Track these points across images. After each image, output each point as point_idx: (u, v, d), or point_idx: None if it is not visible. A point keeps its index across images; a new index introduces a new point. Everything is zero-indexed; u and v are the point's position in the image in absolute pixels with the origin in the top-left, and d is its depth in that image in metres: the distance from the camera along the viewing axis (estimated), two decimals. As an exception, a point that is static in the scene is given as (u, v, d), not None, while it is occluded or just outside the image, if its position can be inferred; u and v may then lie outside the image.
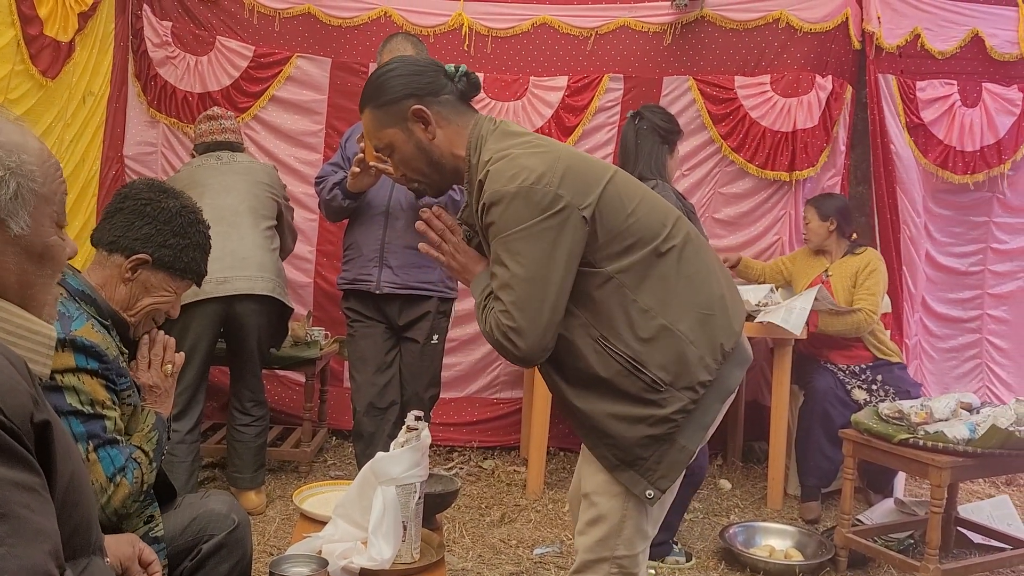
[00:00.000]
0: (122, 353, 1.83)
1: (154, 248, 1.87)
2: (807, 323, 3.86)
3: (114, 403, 1.76)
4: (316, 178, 3.44)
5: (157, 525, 1.83)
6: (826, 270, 4.15)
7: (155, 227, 1.87)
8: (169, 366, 1.96)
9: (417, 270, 3.24)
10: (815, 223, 4.16)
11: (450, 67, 1.87)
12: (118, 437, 1.76)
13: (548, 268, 1.69)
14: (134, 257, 1.86)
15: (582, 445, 1.93)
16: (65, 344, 1.67)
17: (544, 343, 1.72)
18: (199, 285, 2.03)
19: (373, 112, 1.84)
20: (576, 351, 1.77)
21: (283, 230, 3.81)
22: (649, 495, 1.77)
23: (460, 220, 1.94)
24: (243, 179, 3.64)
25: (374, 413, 3.25)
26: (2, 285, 1.00)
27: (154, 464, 1.83)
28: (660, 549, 3.30)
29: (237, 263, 3.47)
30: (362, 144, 3.08)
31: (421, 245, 1.94)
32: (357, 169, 3.09)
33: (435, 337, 3.33)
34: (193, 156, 3.78)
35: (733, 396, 1.85)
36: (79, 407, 1.69)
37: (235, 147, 3.77)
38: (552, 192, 1.68)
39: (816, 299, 3.88)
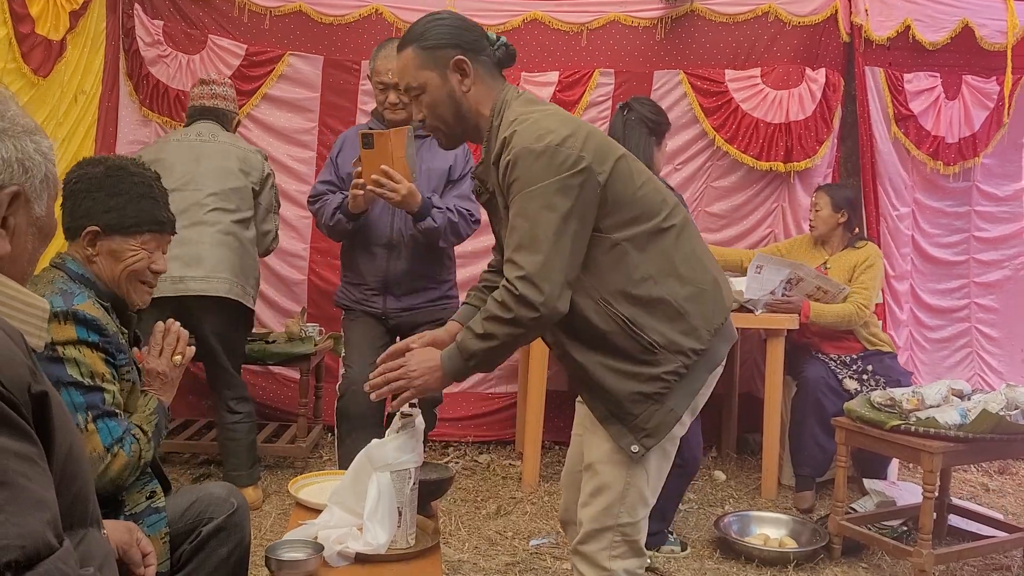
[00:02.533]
0: (121, 333, 1.86)
1: (97, 217, 1.86)
2: (800, 312, 3.91)
3: (113, 377, 1.80)
4: (310, 197, 3.40)
5: (159, 498, 1.87)
6: (825, 262, 4.16)
7: (91, 198, 1.86)
8: (179, 357, 1.99)
9: (422, 293, 3.26)
10: (826, 212, 4.12)
11: (491, 34, 1.99)
12: (116, 410, 1.80)
13: (567, 224, 1.78)
14: (84, 232, 1.86)
15: (574, 426, 1.99)
16: (67, 316, 1.71)
17: (562, 295, 1.79)
18: (171, 231, 1.99)
19: (416, 52, 1.91)
20: (578, 310, 1.86)
21: (258, 221, 3.67)
22: (634, 450, 1.87)
23: (473, 175, 2.03)
24: (213, 164, 3.51)
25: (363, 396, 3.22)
26: (16, 260, 1.03)
27: (152, 443, 1.86)
28: (655, 539, 3.32)
29: (192, 261, 3.38)
30: (358, 168, 3.06)
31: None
32: (359, 192, 3.04)
33: None
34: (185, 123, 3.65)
35: (720, 370, 1.95)
36: (79, 379, 1.72)
37: (224, 117, 3.68)
38: (576, 153, 1.79)
39: (801, 277, 3.93)
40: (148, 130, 4.62)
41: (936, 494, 3.16)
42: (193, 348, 2.03)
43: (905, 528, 3.51)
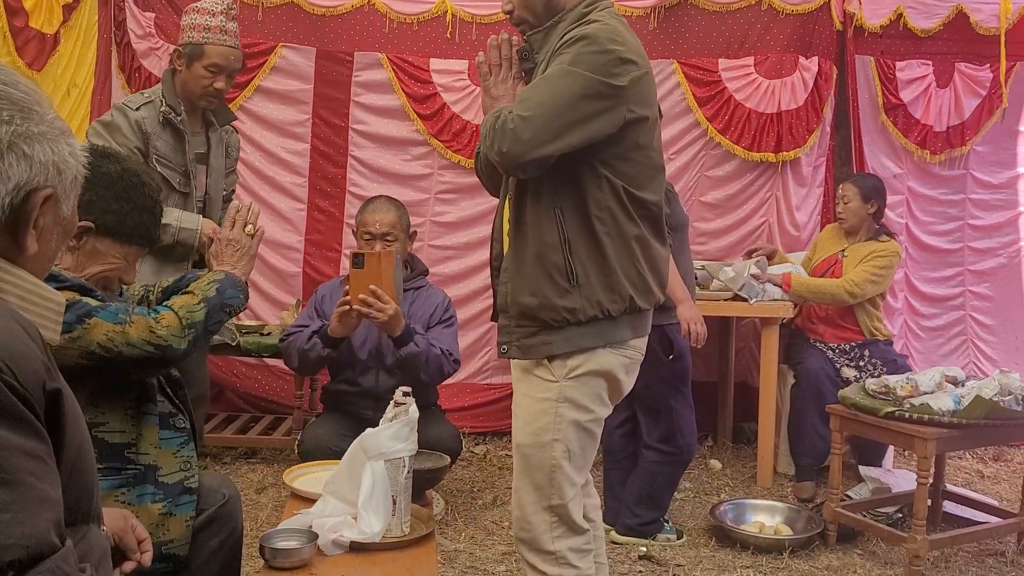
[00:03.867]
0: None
1: (97, 214, 1.82)
2: (781, 284, 3.96)
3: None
4: (283, 334, 3.40)
5: (193, 476, 1.88)
6: (843, 249, 4.15)
7: (96, 193, 1.80)
8: (251, 227, 2.07)
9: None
10: (856, 203, 4.08)
11: None
12: (107, 303, 1.78)
13: (576, 113, 1.83)
14: (77, 225, 1.85)
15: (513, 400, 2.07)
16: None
17: (527, 162, 1.86)
18: (151, 247, 1.99)
19: None
20: (536, 207, 1.94)
21: None
22: (503, 350, 2.00)
23: (526, 39, 2.05)
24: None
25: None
26: (39, 258, 1.05)
27: (201, 306, 1.84)
28: (651, 527, 3.33)
29: None
30: (346, 286, 3.08)
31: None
32: (345, 308, 3.05)
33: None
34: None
35: (629, 360, 2.02)
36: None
37: None
38: (627, 78, 1.86)
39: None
40: (141, 123, 4.61)
41: (930, 480, 3.17)
42: (264, 229, 2.14)
43: (900, 515, 3.52)
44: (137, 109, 2.81)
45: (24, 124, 0.99)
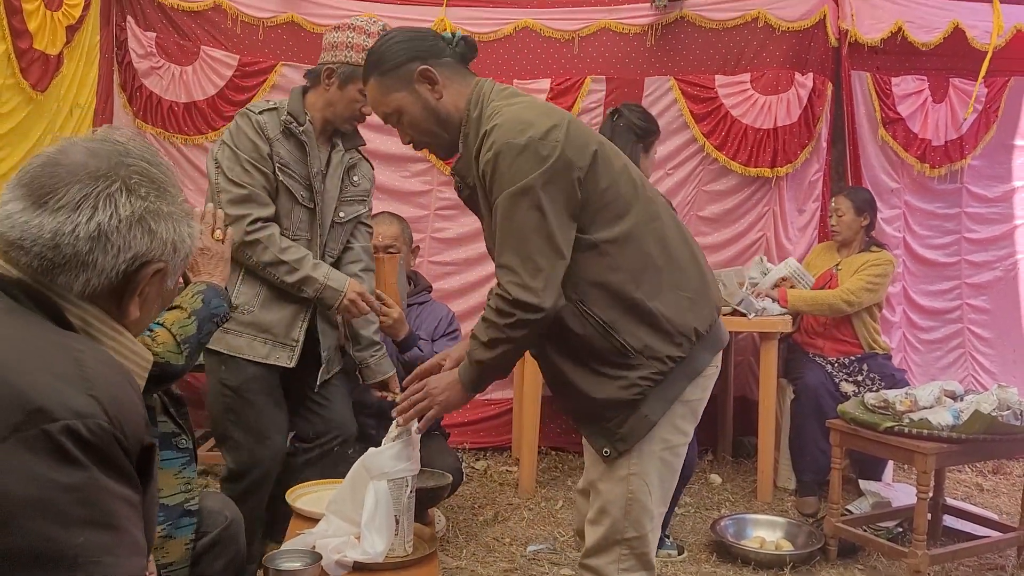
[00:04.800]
0: None
1: None
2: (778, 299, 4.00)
3: None
4: None
5: (194, 498, 1.87)
6: (837, 264, 4.18)
7: None
8: (219, 231, 2.05)
9: None
10: (850, 216, 4.13)
11: (447, 34, 1.94)
12: None
13: (555, 220, 1.75)
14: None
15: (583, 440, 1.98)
16: None
17: (559, 293, 1.78)
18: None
19: (379, 80, 1.89)
20: (560, 314, 1.82)
21: None
22: (606, 453, 1.86)
23: (452, 172, 1.98)
24: None
25: None
26: (138, 324, 1.13)
27: (191, 320, 1.86)
28: None
29: None
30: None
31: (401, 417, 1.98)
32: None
33: None
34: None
35: (706, 379, 1.91)
36: None
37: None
38: (560, 147, 1.75)
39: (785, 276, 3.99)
40: (142, 142, 4.63)
41: (930, 495, 3.18)
42: (231, 230, 2.11)
43: (900, 529, 3.53)
44: (260, 113, 2.68)
45: (157, 202, 1.07)
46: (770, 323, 3.99)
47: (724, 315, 3.95)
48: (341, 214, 2.83)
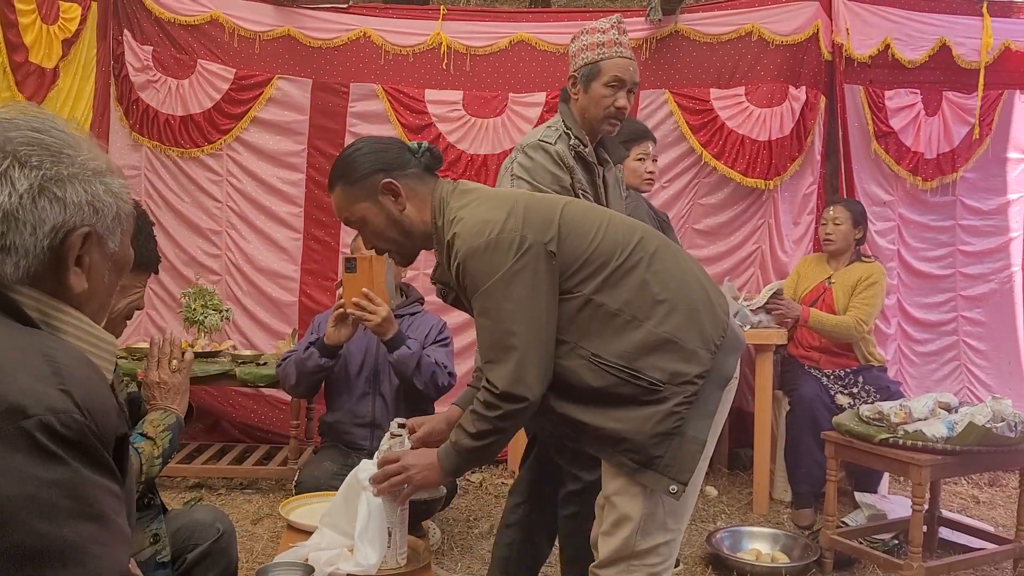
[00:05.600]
0: None
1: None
2: (799, 317, 4.04)
3: None
4: (279, 360, 3.43)
5: (164, 550, 1.85)
6: (829, 277, 4.19)
7: None
8: (175, 361, 2.00)
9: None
10: (847, 226, 4.15)
11: (413, 144, 1.97)
12: None
13: (532, 306, 1.77)
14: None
15: None
16: None
17: (543, 379, 1.79)
18: (156, 272, 2.04)
19: (344, 189, 1.91)
20: (571, 374, 1.83)
21: None
22: (673, 490, 1.81)
23: (433, 280, 2.01)
24: None
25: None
26: (93, 295, 1.09)
27: (160, 459, 1.87)
28: None
29: None
30: (339, 291, 3.09)
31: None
32: (339, 311, 3.07)
33: None
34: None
35: (733, 381, 1.90)
36: None
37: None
38: (518, 235, 1.78)
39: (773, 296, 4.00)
40: (139, 155, 4.65)
41: (926, 507, 3.18)
42: (192, 354, 2.06)
43: (896, 541, 3.52)
44: (554, 143, 2.57)
45: (54, 167, 1.02)
46: (765, 335, 3.99)
47: (729, 318, 3.97)
48: None
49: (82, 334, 1.05)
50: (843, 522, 3.61)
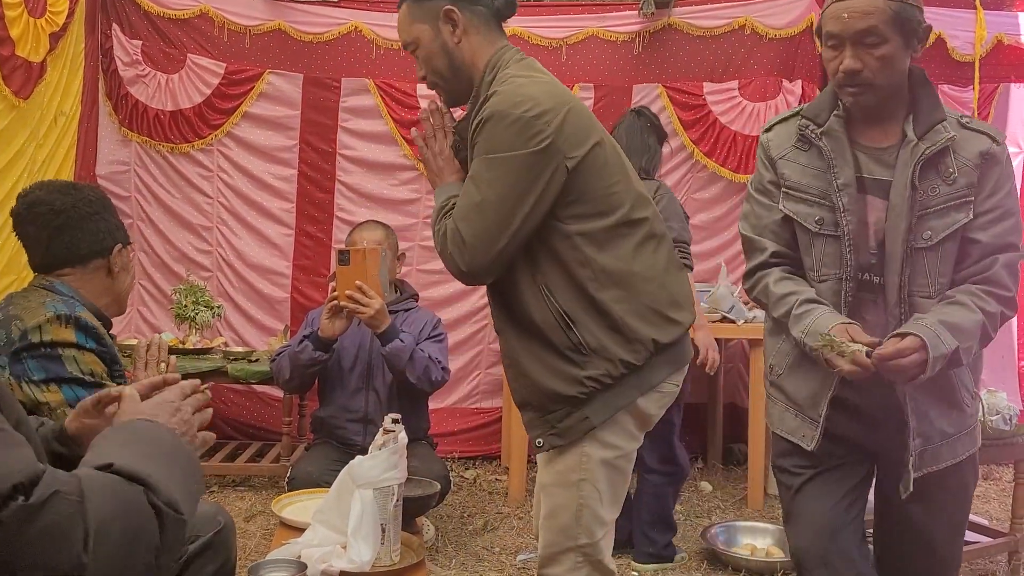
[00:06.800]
0: None
1: (116, 234, 2.02)
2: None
3: (111, 378, 1.88)
4: (273, 355, 3.43)
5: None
6: None
7: (102, 219, 1.99)
8: (164, 365, 2.04)
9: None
10: None
11: None
12: None
13: (518, 201, 1.74)
14: (114, 249, 2.00)
15: None
16: (69, 320, 1.82)
17: (490, 269, 1.79)
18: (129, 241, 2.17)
19: (409, 7, 1.90)
20: (519, 291, 1.82)
21: None
22: (539, 443, 1.86)
23: (454, 129, 1.96)
24: None
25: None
26: None
27: None
28: (669, 549, 3.34)
29: None
30: (333, 283, 3.08)
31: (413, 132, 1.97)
32: (333, 303, 3.06)
33: None
34: None
35: (659, 396, 1.85)
36: (79, 375, 1.81)
37: None
38: (548, 131, 1.73)
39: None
40: (128, 150, 4.61)
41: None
42: (175, 358, 2.11)
43: (891, 535, 3.51)
44: None
45: None
46: (759, 329, 3.96)
47: (714, 321, 3.96)
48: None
49: None
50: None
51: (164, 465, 1.16)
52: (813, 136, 1.92)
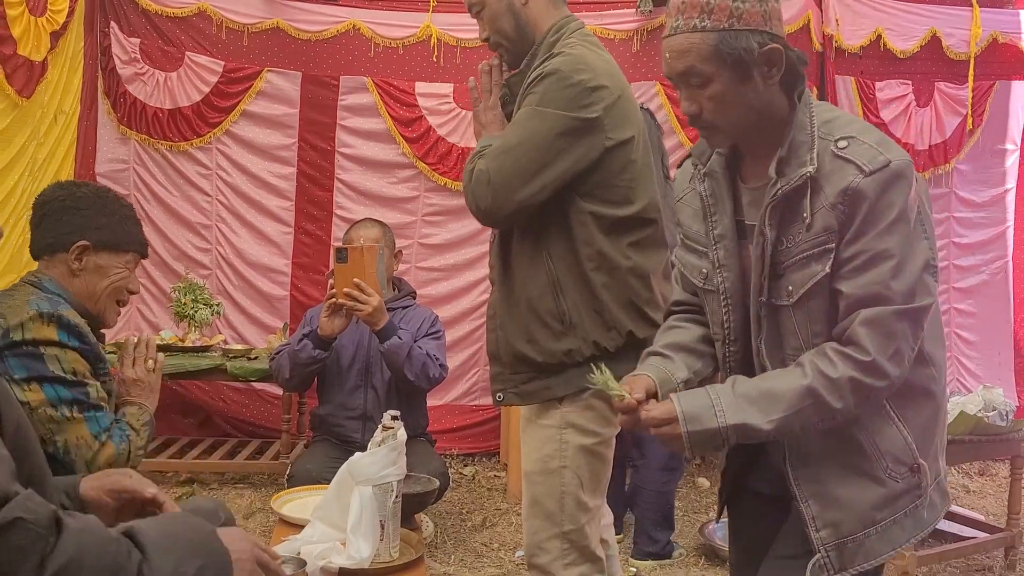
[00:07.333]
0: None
1: (88, 232, 1.92)
2: None
3: (94, 376, 1.85)
4: (272, 354, 3.44)
5: None
6: None
7: (80, 215, 1.92)
8: (151, 362, 2.04)
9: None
10: None
11: None
12: (103, 404, 1.84)
13: (551, 158, 1.80)
14: (74, 246, 1.91)
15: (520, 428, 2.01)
16: (51, 318, 1.78)
17: (507, 214, 1.84)
18: (144, 255, 2.07)
19: None
20: (523, 248, 1.89)
21: None
22: (498, 398, 1.95)
23: (504, 83, 2.01)
24: None
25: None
26: None
27: (142, 452, 1.91)
28: (668, 547, 3.36)
29: None
30: (331, 281, 3.09)
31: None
32: (331, 301, 3.07)
33: None
34: None
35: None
36: (61, 374, 1.78)
37: None
38: (599, 106, 1.81)
39: None
40: (127, 148, 4.62)
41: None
42: (163, 356, 2.10)
43: (888, 531, 3.52)
44: None
45: None
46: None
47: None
48: None
49: None
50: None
51: (182, 553, 1.06)
52: (697, 178, 1.63)
